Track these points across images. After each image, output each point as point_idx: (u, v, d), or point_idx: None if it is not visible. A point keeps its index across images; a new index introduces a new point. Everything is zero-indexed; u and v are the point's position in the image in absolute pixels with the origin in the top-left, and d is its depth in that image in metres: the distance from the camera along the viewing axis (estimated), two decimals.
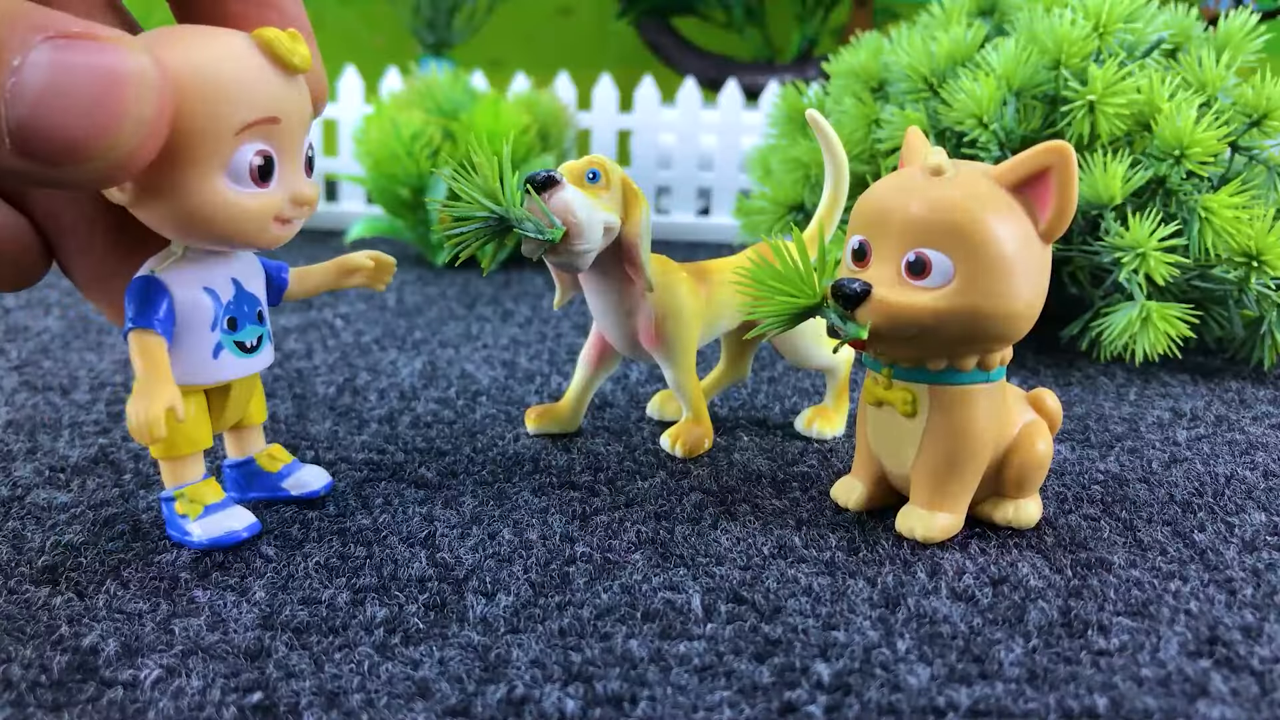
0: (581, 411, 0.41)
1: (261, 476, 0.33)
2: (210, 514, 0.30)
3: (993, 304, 0.28)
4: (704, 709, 0.23)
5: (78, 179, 0.22)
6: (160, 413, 0.26)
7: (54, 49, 0.20)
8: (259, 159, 0.26)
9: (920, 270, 0.28)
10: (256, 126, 0.25)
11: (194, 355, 0.29)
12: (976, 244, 0.27)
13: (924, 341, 0.29)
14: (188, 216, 0.26)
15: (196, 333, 0.28)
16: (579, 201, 0.33)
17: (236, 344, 0.29)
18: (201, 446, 0.30)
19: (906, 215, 0.28)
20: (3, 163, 0.21)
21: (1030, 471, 0.32)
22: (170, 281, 0.28)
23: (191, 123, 0.24)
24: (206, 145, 0.25)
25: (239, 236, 0.27)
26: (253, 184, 0.26)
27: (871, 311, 0.28)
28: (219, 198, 0.26)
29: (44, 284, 0.68)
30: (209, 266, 0.29)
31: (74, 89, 0.21)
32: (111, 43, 0.21)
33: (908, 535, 0.31)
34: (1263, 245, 0.48)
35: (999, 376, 0.31)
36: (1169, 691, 0.24)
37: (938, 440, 0.31)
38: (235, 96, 0.25)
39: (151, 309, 0.27)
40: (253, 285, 0.30)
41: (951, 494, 0.31)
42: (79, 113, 0.21)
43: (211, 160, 0.25)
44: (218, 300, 0.29)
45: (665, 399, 0.43)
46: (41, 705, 0.23)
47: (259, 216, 0.26)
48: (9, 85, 0.20)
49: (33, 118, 0.20)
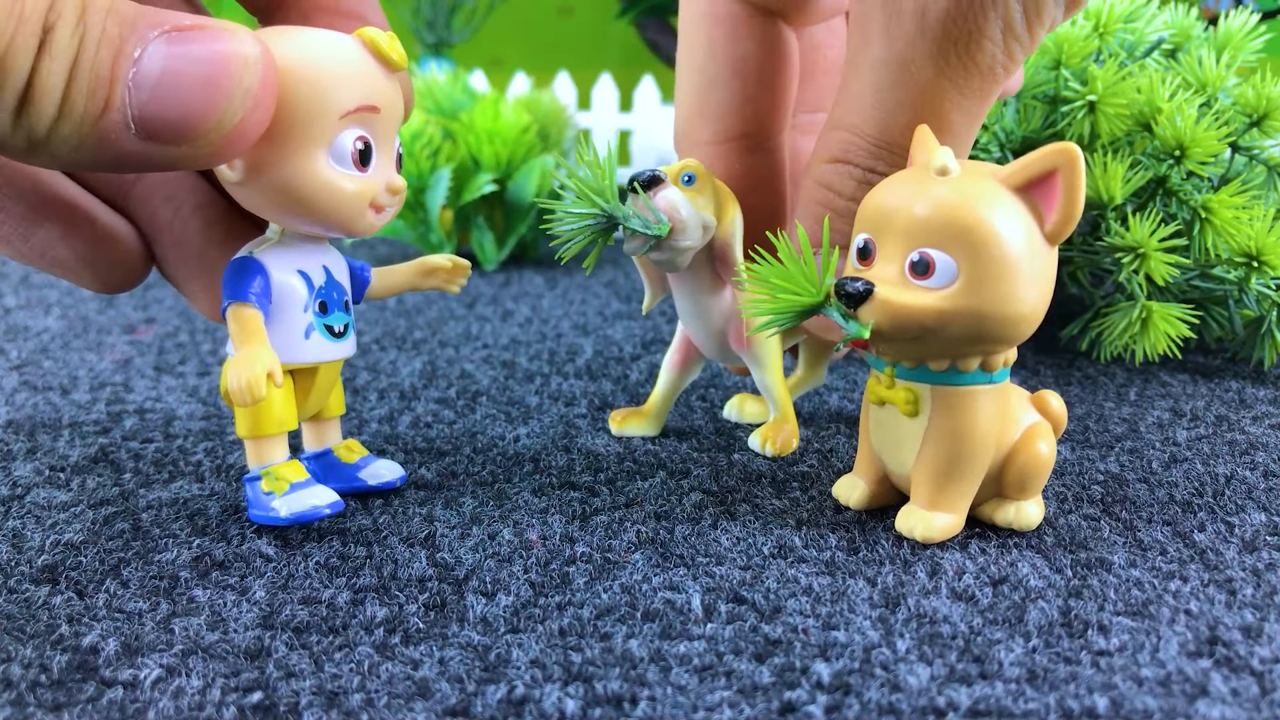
0: (665, 415, 0.41)
1: (339, 468, 0.34)
2: (295, 491, 0.30)
3: (996, 305, 0.28)
4: (704, 709, 0.23)
5: (194, 156, 0.24)
6: (261, 374, 0.27)
7: (169, 41, 0.23)
8: (360, 144, 0.27)
9: (924, 270, 0.28)
10: (358, 113, 0.27)
11: (286, 334, 0.30)
12: (980, 245, 0.27)
13: (927, 342, 0.29)
14: (292, 194, 0.27)
15: (289, 313, 0.30)
16: (682, 200, 0.34)
17: (326, 328, 0.30)
18: (287, 428, 0.30)
19: (911, 215, 0.28)
20: (130, 149, 0.23)
21: (1032, 474, 0.31)
22: (266, 261, 0.29)
23: (298, 104, 0.26)
24: (312, 126, 0.26)
25: (337, 218, 0.28)
26: (354, 167, 0.27)
27: (874, 311, 0.28)
28: (322, 177, 0.27)
29: (44, 284, 0.68)
30: (303, 251, 0.30)
31: (187, 71, 0.23)
32: (218, 29, 0.23)
33: (908, 535, 0.31)
34: (1263, 245, 0.48)
35: (1002, 378, 0.31)
36: (1169, 692, 0.24)
37: (939, 441, 0.31)
38: (340, 82, 0.27)
39: (247, 284, 0.29)
40: (340, 276, 0.31)
41: (952, 495, 0.31)
42: (192, 91, 0.23)
43: (317, 140, 0.27)
44: (310, 283, 0.30)
45: (744, 400, 0.44)
46: (41, 705, 0.23)
47: (357, 200, 0.28)
48: (131, 76, 0.22)
49: (152, 102, 0.22)
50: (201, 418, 0.42)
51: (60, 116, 0.22)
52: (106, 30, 0.22)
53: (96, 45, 0.22)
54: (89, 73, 0.22)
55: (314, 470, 0.33)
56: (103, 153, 0.23)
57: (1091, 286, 0.54)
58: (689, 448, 0.40)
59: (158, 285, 0.69)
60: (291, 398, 0.30)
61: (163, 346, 0.53)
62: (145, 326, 0.57)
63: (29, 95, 0.21)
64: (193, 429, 0.40)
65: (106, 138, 0.22)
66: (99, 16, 0.22)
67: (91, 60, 0.22)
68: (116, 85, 0.22)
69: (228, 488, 0.35)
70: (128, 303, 0.63)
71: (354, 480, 0.33)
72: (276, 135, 0.26)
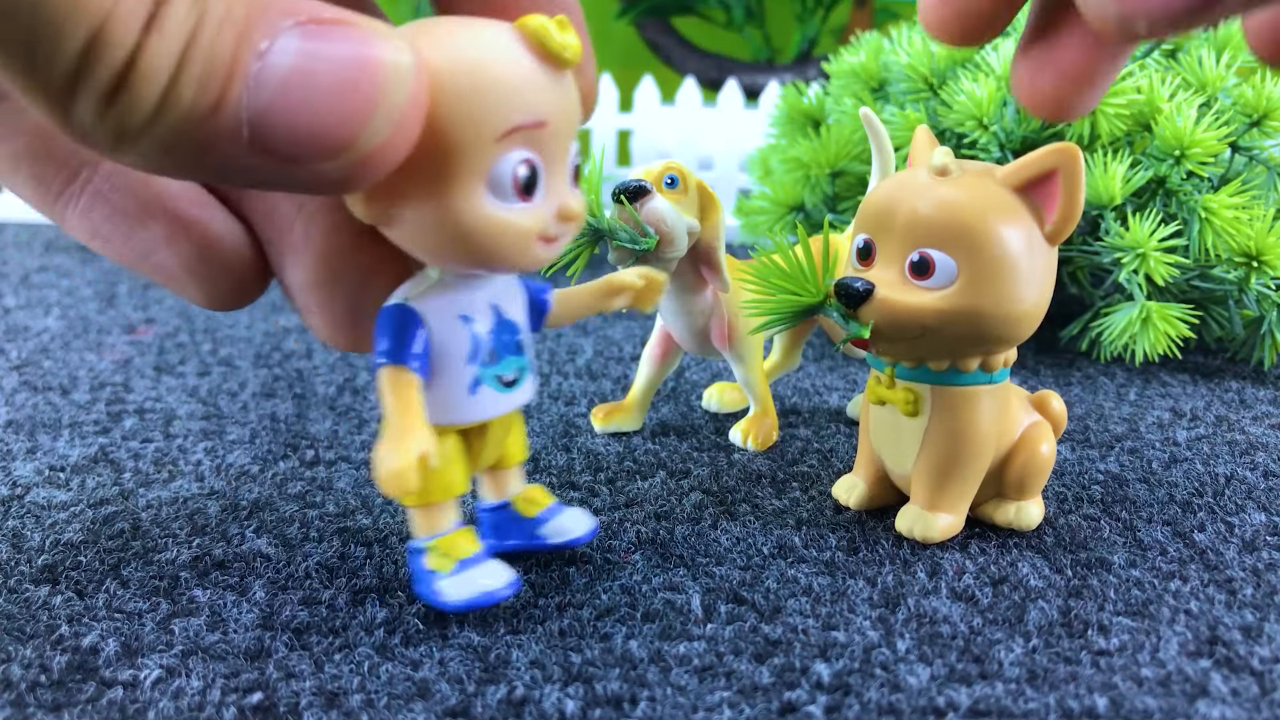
0: (646, 407, 0.42)
1: (519, 523, 0.29)
2: (464, 570, 0.26)
3: (996, 306, 0.28)
4: (704, 709, 0.23)
5: (317, 180, 0.19)
6: (412, 461, 0.23)
7: (303, 35, 0.18)
8: (524, 169, 0.22)
9: (923, 270, 0.28)
10: (521, 132, 0.22)
11: (450, 392, 0.25)
12: (980, 245, 0.27)
13: (927, 342, 0.29)
14: (443, 235, 0.22)
15: (452, 367, 0.25)
16: (668, 210, 0.34)
17: (496, 378, 0.26)
18: (456, 493, 0.26)
19: (911, 215, 0.28)
20: (237, 160, 0.19)
21: (1032, 474, 0.32)
22: (425, 311, 0.25)
23: (448, 126, 0.21)
24: (465, 153, 0.21)
25: (498, 258, 0.23)
26: (516, 197, 0.22)
27: (874, 311, 0.28)
28: (478, 213, 0.22)
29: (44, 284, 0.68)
30: (467, 292, 0.25)
31: (321, 76, 0.18)
32: (364, 29, 0.19)
33: (907, 535, 0.31)
34: (1263, 245, 0.48)
35: (1002, 378, 0.31)
36: (1169, 692, 0.24)
37: (939, 441, 0.31)
38: (498, 98, 0.21)
39: (407, 343, 0.24)
40: (512, 311, 0.27)
41: (952, 495, 0.31)
42: (324, 101, 0.18)
43: (470, 170, 0.22)
44: (476, 329, 0.25)
45: (723, 390, 0.44)
46: (41, 705, 0.23)
47: (522, 235, 0.23)
48: (253, 71, 0.18)
49: (274, 107, 0.18)
50: (201, 417, 0.42)
51: (160, 109, 0.17)
52: (232, 11, 0.18)
53: (218, 27, 0.18)
54: (204, 59, 0.17)
55: (493, 524, 0.29)
56: (203, 160, 0.19)
57: (1091, 286, 0.54)
58: (689, 447, 0.40)
59: (157, 285, 0.69)
60: (461, 458, 0.26)
61: (162, 346, 0.53)
62: (145, 326, 0.57)
63: (127, 78, 0.17)
64: (192, 429, 0.40)
65: (212, 142, 0.18)
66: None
67: (210, 44, 0.17)
68: (235, 80, 0.18)
69: (227, 487, 0.35)
70: (127, 303, 0.63)
71: (534, 537, 0.29)
72: (420, 164, 0.21)
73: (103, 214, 0.24)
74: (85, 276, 0.70)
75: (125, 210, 0.24)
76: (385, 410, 0.24)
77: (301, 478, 0.36)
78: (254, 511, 0.33)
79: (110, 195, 0.24)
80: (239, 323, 0.58)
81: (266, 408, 0.43)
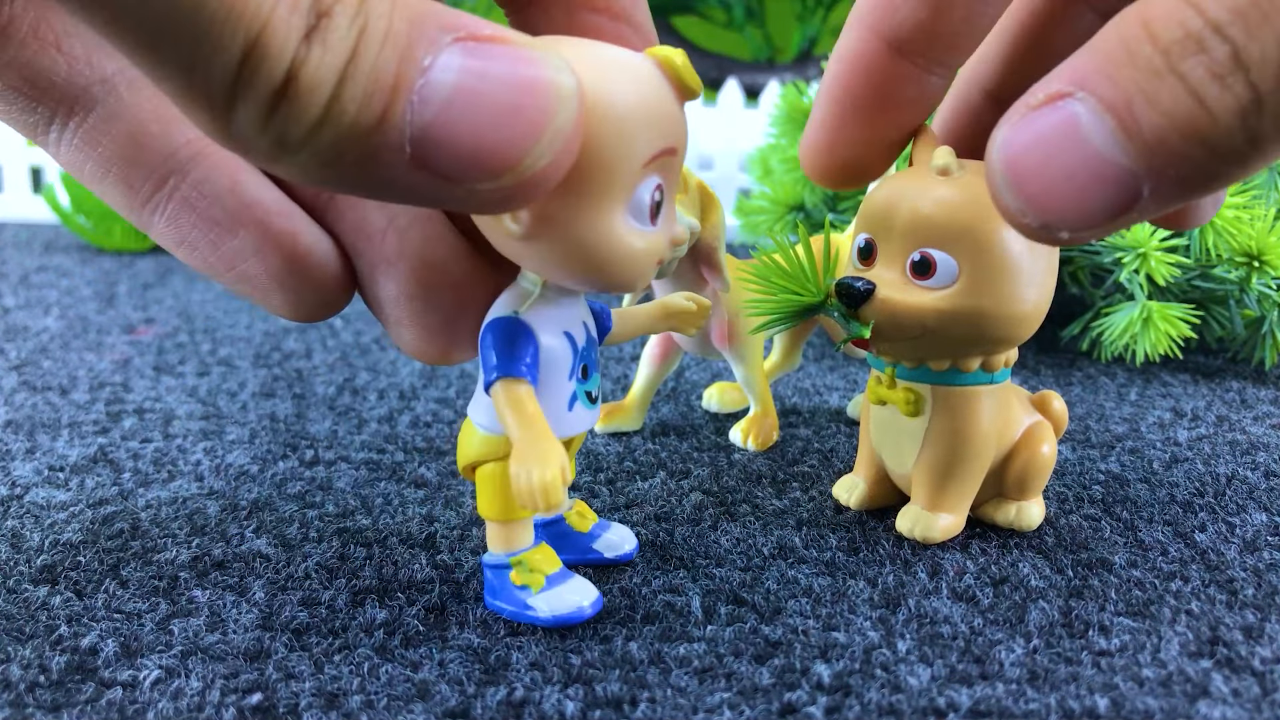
0: (646, 408, 0.42)
1: (572, 537, 0.30)
2: (553, 586, 0.26)
3: (998, 305, 0.28)
4: (704, 710, 0.23)
5: (477, 200, 0.19)
6: (556, 476, 0.22)
7: (465, 51, 0.18)
8: (657, 194, 0.23)
9: (925, 270, 0.28)
10: (660, 158, 0.22)
11: (551, 408, 0.25)
12: (981, 245, 0.27)
13: (928, 342, 0.29)
14: (581, 254, 0.22)
15: (556, 382, 0.25)
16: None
17: (586, 394, 0.26)
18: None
19: (912, 214, 0.28)
20: (397, 176, 0.18)
21: (1033, 474, 0.31)
22: (535, 324, 0.25)
23: (601, 150, 0.21)
24: (615, 176, 0.21)
25: (626, 279, 0.23)
26: (649, 221, 0.23)
27: (875, 311, 0.28)
28: (618, 236, 0.22)
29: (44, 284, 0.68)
30: (566, 308, 0.25)
31: (488, 95, 0.18)
32: (527, 48, 0.19)
33: (908, 535, 0.31)
34: (1263, 245, 0.48)
35: (1003, 378, 0.31)
36: (1170, 692, 0.24)
37: (940, 441, 0.31)
38: (647, 122, 0.21)
39: (520, 355, 0.24)
40: (594, 331, 0.27)
41: (953, 495, 0.31)
42: (492, 121, 0.18)
43: (618, 193, 0.22)
44: (575, 347, 0.26)
45: (723, 390, 0.44)
46: (40, 706, 0.22)
47: (649, 257, 0.23)
48: (417, 86, 0.18)
49: (438, 124, 0.18)
50: (200, 417, 0.42)
51: (323, 121, 0.17)
52: (393, 26, 0.18)
53: (381, 42, 0.17)
54: (368, 73, 0.17)
55: (546, 540, 0.29)
56: (364, 175, 0.18)
57: (1092, 286, 0.54)
58: (689, 447, 0.40)
59: (157, 285, 0.69)
60: None
61: (162, 347, 0.53)
62: (145, 327, 0.57)
63: (290, 88, 0.17)
64: (192, 429, 0.40)
65: (374, 157, 0.18)
66: (383, 6, 0.18)
67: (373, 59, 0.17)
68: (400, 95, 0.18)
69: (226, 487, 0.35)
70: (127, 303, 0.63)
71: (589, 552, 0.29)
72: (572, 185, 0.21)
73: (191, 221, 0.24)
74: (85, 276, 0.70)
75: (214, 219, 0.24)
76: (507, 424, 0.23)
77: (301, 478, 0.36)
78: (253, 512, 0.33)
79: (198, 203, 0.24)
80: (238, 323, 0.58)
81: (266, 408, 0.43)
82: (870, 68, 0.27)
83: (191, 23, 0.16)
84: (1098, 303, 0.53)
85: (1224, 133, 0.19)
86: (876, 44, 0.27)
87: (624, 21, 0.24)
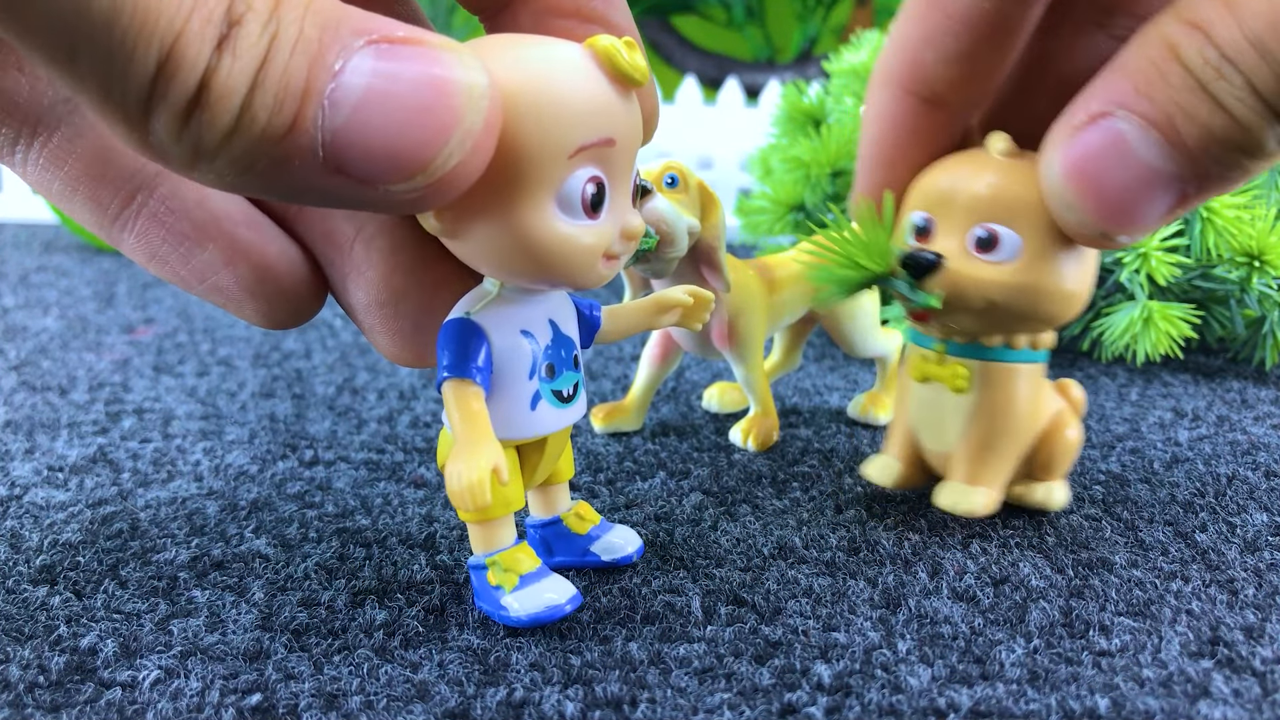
0: (646, 408, 0.42)
1: (569, 539, 0.29)
2: (527, 585, 0.26)
3: (1055, 282, 0.29)
4: (704, 711, 0.23)
5: (392, 201, 0.20)
6: (485, 476, 0.23)
7: (377, 54, 0.19)
8: (592, 186, 0.22)
9: (989, 245, 0.29)
10: (590, 150, 0.22)
11: (511, 407, 0.25)
12: (1047, 222, 0.28)
13: (988, 315, 0.29)
14: (513, 250, 0.22)
15: (514, 382, 0.25)
16: (669, 210, 0.33)
17: (554, 393, 0.26)
18: (515, 508, 0.26)
19: (976, 192, 0.29)
20: (312, 180, 0.19)
21: (1061, 455, 0.32)
22: (487, 325, 0.25)
23: (521, 144, 0.21)
24: (537, 169, 0.21)
25: (565, 274, 0.23)
26: (584, 215, 0.23)
27: (942, 282, 0.29)
28: (548, 229, 0.22)
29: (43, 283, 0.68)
30: (527, 307, 0.25)
31: (398, 97, 0.19)
32: (438, 49, 0.19)
33: (948, 509, 0.32)
34: (1264, 245, 0.48)
35: (1044, 358, 0.32)
36: (1170, 692, 0.24)
37: (985, 416, 0.31)
38: (570, 114, 0.21)
39: (470, 356, 0.24)
40: (569, 327, 0.27)
41: (993, 469, 0.32)
42: (402, 123, 0.19)
43: (541, 187, 0.22)
44: (536, 344, 0.25)
45: (723, 390, 0.44)
46: (40, 706, 0.22)
47: (588, 252, 0.23)
48: (328, 91, 0.18)
49: (349, 128, 0.18)
50: (200, 417, 0.42)
51: (236, 129, 0.18)
52: (304, 31, 0.18)
53: (291, 48, 0.18)
54: (279, 80, 0.18)
55: (543, 540, 0.30)
56: (279, 179, 0.19)
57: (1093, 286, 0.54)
58: (689, 447, 0.39)
59: (156, 285, 0.69)
60: (518, 473, 0.27)
61: (161, 347, 0.53)
62: (144, 327, 0.57)
63: (202, 98, 0.17)
64: (191, 429, 0.40)
65: (288, 162, 0.18)
66: (295, 12, 0.18)
67: (283, 66, 0.18)
68: (310, 101, 0.18)
69: (226, 487, 0.35)
70: (126, 303, 0.63)
71: (586, 555, 0.29)
72: (493, 180, 0.21)
73: (160, 236, 0.25)
74: (84, 276, 0.70)
75: (181, 233, 0.25)
76: (452, 424, 0.24)
77: (300, 478, 0.35)
78: (253, 512, 0.33)
79: (166, 218, 0.24)
80: (238, 323, 0.58)
81: (265, 408, 0.43)
82: (906, 124, 0.30)
83: (105, 37, 0.16)
84: (1098, 302, 0.53)
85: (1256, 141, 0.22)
86: (910, 101, 0.29)
87: (598, 23, 0.24)
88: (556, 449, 0.27)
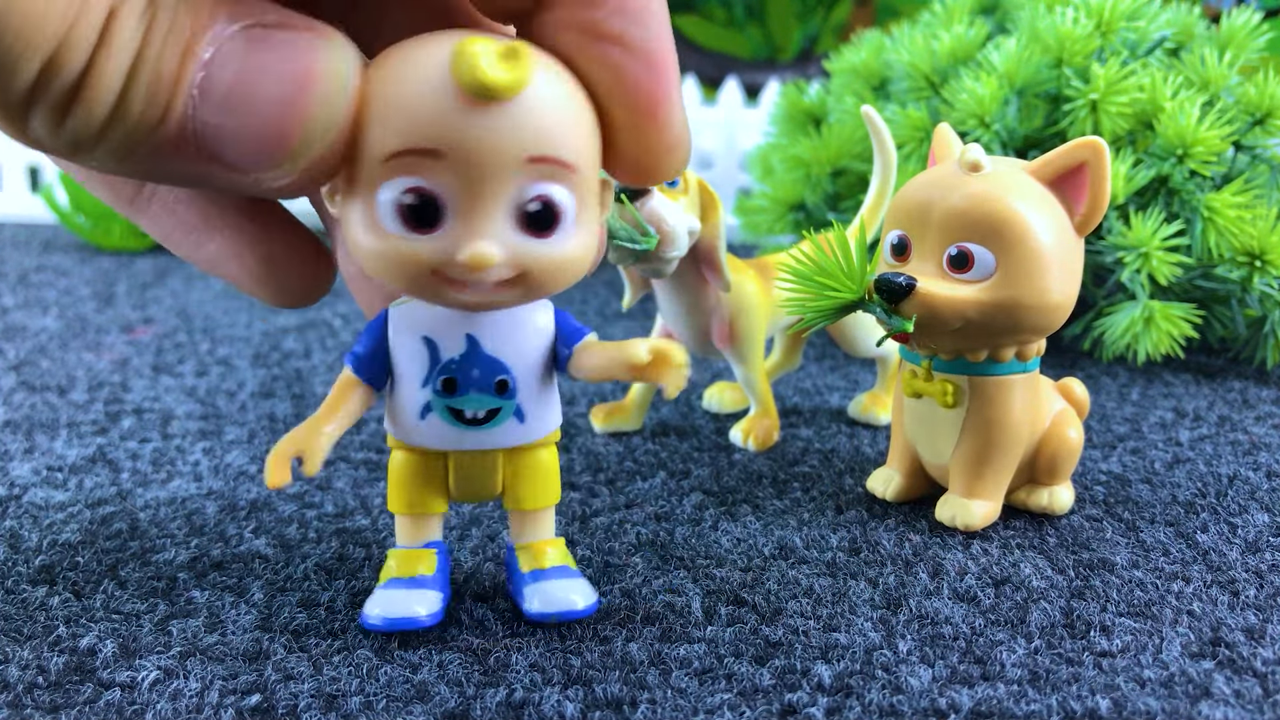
0: (646, 408, 0.41)
1: (514, 573, 0.27)
2: (393, 588, 0.25)
3: (1033, 296, 0.29)
4: (704, 711, 0.23)
5: (267, 187, 0.20)
6: (280, 453, 0.23)
7: (248, 42, 0.18)
8: (409, 198, 0.21)
9: (963, 264, 0.29)
10: (408, 158, 0.20)
11: (402, 410, 0.25)
12: (1018, 237, 0.28)
13: (966, 334, 0.29)
14: (352, 246, 0.22)
15: (407, 386, 0.25)
16: (669, 209, 0.33)
17: (450, 410, 0.25)
18: (421, 510, 0.26)
19: (948, 210, 0.29)
20: (189, 168, 0.19)
21: (1063, 458, 0.32)
22: (395, 321, 0.25)
23: (355, 140, 0.21)
24: (361, 169, 0.21)
25: (397, 285, 0.22)
26: (402, 226, 0.21)
27: (916, 305, 0.29)
28: (363, 233, 0.21)
29: (42, 283, 0.68)
30: (440, 314, 0.24)
31: (262, 86, 0.18)
32: (308, 35, 0.19)
33: (948, 524, 0.32)
34: (1266, 245, 0.48)
35: (1034, 367, 0.32)
36: (1171, 693, 0.24)
37: (977, 430, 0.31)
38: (387, 117, 0.20)
39: (359, 344, 0.25)
40: (503, 349, 0.25)
41: (989, 482, 0.32)
42: (265, 114, 0.19)
43: (364, 187, 0.21)
44: (435, 354, 0.24)
45: (723, 390, 0.44)
46: (39, 707, 0.22)
47: (409, 267, 0.21)
48: (197, 80, 0.18)
49: (219, 117, 0.18)
50: (199, 417, 0.42)
51: (111, 121, 0.18)
52: (177, 20, 0.18)
53: (163, 39, 0.18)
54: (150, 72, 0.18)
55: (507, 564, 0.28)
56: (158, 166, 0.19)
57: (1094, 286, 0.54)
58: (689, 447, 0.39)
59: (155, 285, 0.69)
60: (433, 479, 0.26)
61: (160, 346, 0.53)
62: (143, 326, 0.57)
63: (79, 94, 0.17)
64: (190, 429, 0.40)
65: (161, 150, 0.19)
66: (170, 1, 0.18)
67: (155, 57, 0.18)
68: (179, 91, 0.18)
69: (225, 487, 0.34)
70: (125, 303, 0.63)
71: (519, 595, 0.26)
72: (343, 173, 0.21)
73: (170, 224, 0.25)
74: (83, 276, 0.70)
75: (190, 224, 0.25)
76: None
77: (300, 478, 0.35)
78: (252, 512, 0.33)
79: (175, 207, 0.25)
80: (237, 322, 0.58)
81: (265, 408, 0.43)
82: None
83: None
84: (1099, 302, 0.53)
85: None
86: None
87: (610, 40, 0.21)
88: (475, 470, 0.26)
